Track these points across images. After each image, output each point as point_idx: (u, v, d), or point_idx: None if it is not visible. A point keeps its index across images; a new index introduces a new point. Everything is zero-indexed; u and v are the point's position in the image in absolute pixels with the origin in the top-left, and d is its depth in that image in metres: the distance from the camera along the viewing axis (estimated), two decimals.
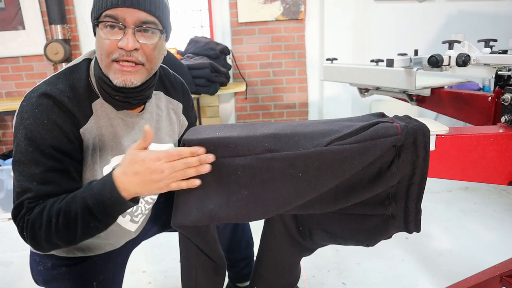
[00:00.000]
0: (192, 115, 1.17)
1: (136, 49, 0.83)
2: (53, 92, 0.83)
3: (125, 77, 0.85)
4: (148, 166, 0.72)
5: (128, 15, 0.81)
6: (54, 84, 0.85)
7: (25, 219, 0.78)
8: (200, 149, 0.74)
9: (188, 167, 0.73)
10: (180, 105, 1.10)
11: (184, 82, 1.14)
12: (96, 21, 0.83)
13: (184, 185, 0.75)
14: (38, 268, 1.00)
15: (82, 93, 0.87)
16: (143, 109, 0.98)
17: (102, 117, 0.90)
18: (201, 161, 0.74)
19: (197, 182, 0.75)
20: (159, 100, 1.04)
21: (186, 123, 1.14)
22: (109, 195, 0.74)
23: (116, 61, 0.84)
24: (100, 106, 0.90)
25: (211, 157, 0.74)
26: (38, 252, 0.99)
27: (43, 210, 0.77)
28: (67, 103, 0.83)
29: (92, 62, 0.92)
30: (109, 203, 0.75)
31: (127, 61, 0.84)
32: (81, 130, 0.86)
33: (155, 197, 1.10)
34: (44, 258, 0.99)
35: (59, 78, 0.86)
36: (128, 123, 0.95)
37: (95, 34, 0.87)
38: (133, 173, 0.73)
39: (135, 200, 0.77)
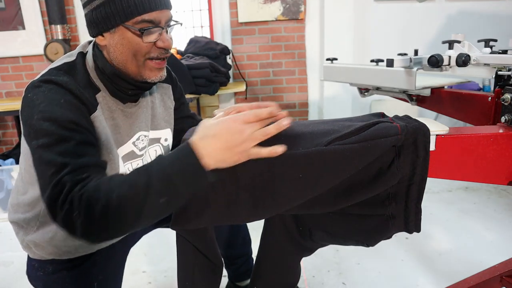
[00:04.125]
0: (185, 104, 1.17)
1: None
2: (58, 80, 0.82)
3: (161, 73, 0.91)
4: (226, 126, 0.68)
5: (162, 16, 0.85)
6: (56, 75, 0.84)
7: (74, 195, 0.66)
8: (276, 110, 0.71)
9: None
10: (169, 86, 1.11)
11: (170, 69, 1.14)
12: (131, 26, 0.83)
13: (266, 152, 0.69)
14: (37, 274, 0.99)
15: (84, 86, 0.87)
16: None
17: (105, 109, 0.91)
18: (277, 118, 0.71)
19: (279, 149, 0.69)
20: None
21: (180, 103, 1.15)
22: (188, 161, 0.67)
23: (150, 59, 0.87)
24: (102, 99, 0.90)
25: (285, 114, 0.72)
26: (38, 258, 0.98)
27: (100, 183, 0.68)
28: (75, 90, 0.83)
29: (88, 56, 0.92)
30: (189, 171, 0.67)
31: (165, 58, 0.89)
32: (92, 117, 0.86)
33: None
34: (44, 264, 0.98)
35: (60, 71, 0.86)
36: (127, 113, 0.96)
37: (97, 34, 0.87)
38: (212, 136, 0.68)
39: (214, 175, 0.70)
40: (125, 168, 0.96)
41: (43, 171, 0.73)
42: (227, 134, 0.67)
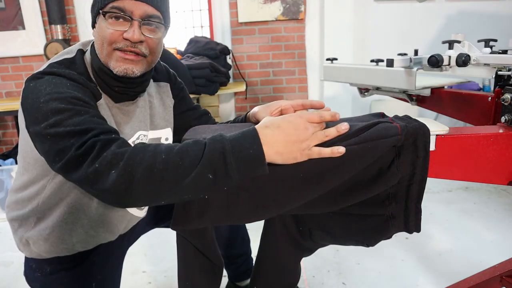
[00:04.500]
0: (186, 97, 1.16)
1: (141, 42, 0.85)
2: (61, 72, 0.82)
3: (126, 65, 0.85)
4: (291, 121, 0.68)
5: (135, 8, 0.83)
6: (58, 68, 0.84)
7: (109, 152, 0.64)
8: (338, 115, 0.72)
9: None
10: (167, 84, 1.10)
11: (168, 67, 1.13)
12: (102, 11, 0.83)
13: (328, 152, 0.68)
14: (35, 275, 0.99)
15: (86, 80, 0.87)
16: (136, 97, 0.99)
17: (104, 105, 0.91)
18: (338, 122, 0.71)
19: (341, 150, 0.68)
20: (148, 87, 1.04)
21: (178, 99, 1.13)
22: (249, 145, 0.65)
23: (118, 50, 0.85)
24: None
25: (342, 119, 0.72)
26: (35, 258, 0.98)
27: (147, 145, 0.66)
28: (79, 79, 0.83)
29: (87, 54, 0.92)
30: (247, 154, 0.64)
31: (131, 51, 0.85)
32: (98, 104, 0.86)
33: None
34: (42, 264, 0.97)
35: (61, 65, 0.86)
36: (125, 111, 0.95)
37: (93, 26, 0.88)
38: (276, 127, 0.68)
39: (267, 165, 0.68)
40: None
41: (59, 144, 0.69)
42: (291, 128, 0.67)
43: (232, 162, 0.64)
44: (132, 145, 0.75)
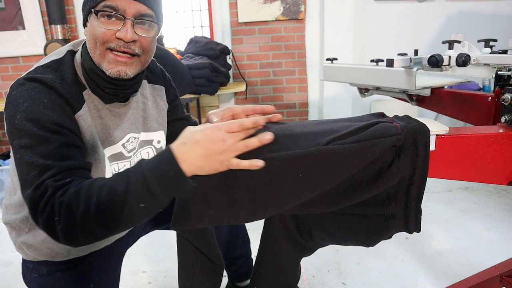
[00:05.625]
0: (179, 106, 1.15)
1: (134, 41, 0.83)
2: (44, 78, 0.80)
3: (119, 67, 0.84)
4: (208, 134, 0.68)
5: (128, 6, 0.81)
6: (42, 73, 0.82)
7: (56, 201, 0.67)
8: (261, 120, 0.71)
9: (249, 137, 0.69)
10: (162, 88, 1.09)
11: (164, 70, 1.12)
12: (94, 10, 0.82)
13: (246, 164, 0.68)
14: (32, 275, 0.98)
15: (71, 83, 0.86)
16: (128, 99, 0.98)
17: (91, 108, 0.89)
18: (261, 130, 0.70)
19: (260, 163, 0.69)
20: (143, 88, 1.03)
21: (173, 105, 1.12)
22: (168, 167, 0.67)
23: (111, 50, 0.83)
24: (88, 97, 0.89)
25: (279, 116, 0.72)
26: (31, 260, 0.97)
27: (80, 188, 0.68)
28: (60, 88, 0.81)
29: (77, 54, 0.91)
30: (168, 176, 0.66)
31: (124, 52, 0.84)
32: (76, 116, 0.84)
33: None
34: (38, 265, 0.97)
35: (46, 69, 0.84)
36: (116, 114, 0.94)
37: (85, 25, 0.87)
38: (194, 142, 0.68)
39: (193, 179, 0.70)
40: (111, 168, 0.95)
41: (24, 172, 0.72)
42: (208, 142, 0.67)
43: (156, 189, 0.66)
44: (122, 148, 0.74)
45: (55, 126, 0.76)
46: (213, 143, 0.67)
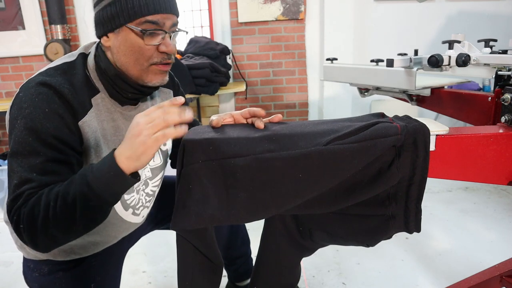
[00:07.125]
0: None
1: None
2: (52, 82, 0.82)
3: (163, 77, 0.90)
4: (129, 128, 0.70)
5: (167, 19, 0.85)
6: (52, 76, 0.84)
7: (21, 210, 0.72)
8: (180, 98, 0.72)
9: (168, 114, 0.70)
10: (171, 91, 1.11)
11: (173, 74, 1.14)
12: (134, 26, 0.82)
13: (172, 132, 0.69)
14: (33, 275, 0.98)
15: (81, 88, 0.87)
16: (138, 102, 0.99)
17: (103, 111, 0.90)
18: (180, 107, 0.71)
19: (183, 129, 0.70)
20: None
21: None
22: (107, 168, 0.70)
23: (153, 64, 0.87)
24: (101, 100, 0.90)
25: (182, 99, 0.73)
26: (32, 259, 0.98)
27: (40, 196, 0.72)
28: (67, 94, 0.82)
29: (90, 57, 0.91)
30: (108, 176, 0.70)
31: (167, 63, 0.88)
32: (80, 123, 0.85)
33: (156, 189, 1.10)
34: (40, 264, 0.97)
35: (57, 71, 0.86)
36: (127, 116, 0.96)
37: (102, 35, 0.87)
38: (125, 139, 0.71)
39: (135, 176, 0.72)
40: None
41: (10, 178, 0.77)
42: (128, 133, 0.70)
43: (101, 190, 0.69)
44: None
45: (50, 138, 0.78)
46: (130, 131, 0.70)
